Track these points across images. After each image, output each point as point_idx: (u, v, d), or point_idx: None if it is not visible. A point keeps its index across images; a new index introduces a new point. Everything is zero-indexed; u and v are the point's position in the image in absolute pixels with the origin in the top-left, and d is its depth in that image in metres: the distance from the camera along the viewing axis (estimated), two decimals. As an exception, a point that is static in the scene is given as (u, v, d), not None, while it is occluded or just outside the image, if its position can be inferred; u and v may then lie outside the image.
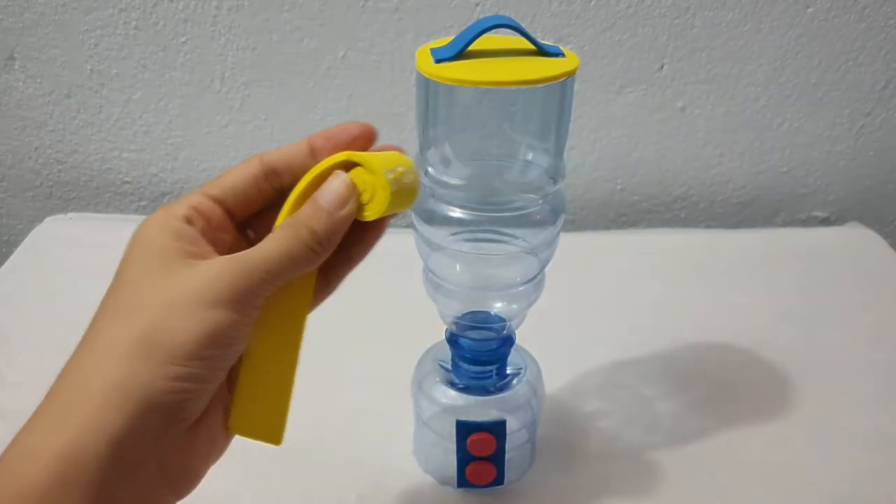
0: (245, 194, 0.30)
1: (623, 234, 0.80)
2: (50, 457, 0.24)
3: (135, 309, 0.26)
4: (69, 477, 0.24)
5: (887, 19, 0.72)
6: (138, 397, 0.25)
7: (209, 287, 0.26)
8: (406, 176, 0.29)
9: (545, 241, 0.40)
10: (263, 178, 0.30)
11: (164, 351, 0.25)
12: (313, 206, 0.28)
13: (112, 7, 0.70)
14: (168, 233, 0.28)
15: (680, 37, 0.72)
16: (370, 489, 0.48)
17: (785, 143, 0.80)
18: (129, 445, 0.25)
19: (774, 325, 0.64)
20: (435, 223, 0.39)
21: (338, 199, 0.28)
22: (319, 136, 0.30)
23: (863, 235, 0.78)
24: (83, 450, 0.24)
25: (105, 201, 0.83)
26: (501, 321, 0.43)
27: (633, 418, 0.54)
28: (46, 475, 0.24)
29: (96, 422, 0.24)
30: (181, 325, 0.25)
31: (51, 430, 0.25)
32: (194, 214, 0.29)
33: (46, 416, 0.26)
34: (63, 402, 0.26)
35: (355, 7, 0.70)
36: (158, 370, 0.25)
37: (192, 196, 0.29)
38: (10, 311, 0.64)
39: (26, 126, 0.78)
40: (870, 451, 0.52)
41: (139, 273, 0.27)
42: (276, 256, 0.27)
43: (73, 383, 0.26)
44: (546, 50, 0.35)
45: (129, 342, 0.25)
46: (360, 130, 0.30)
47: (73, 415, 0.25)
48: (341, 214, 0.28)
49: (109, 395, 0.25)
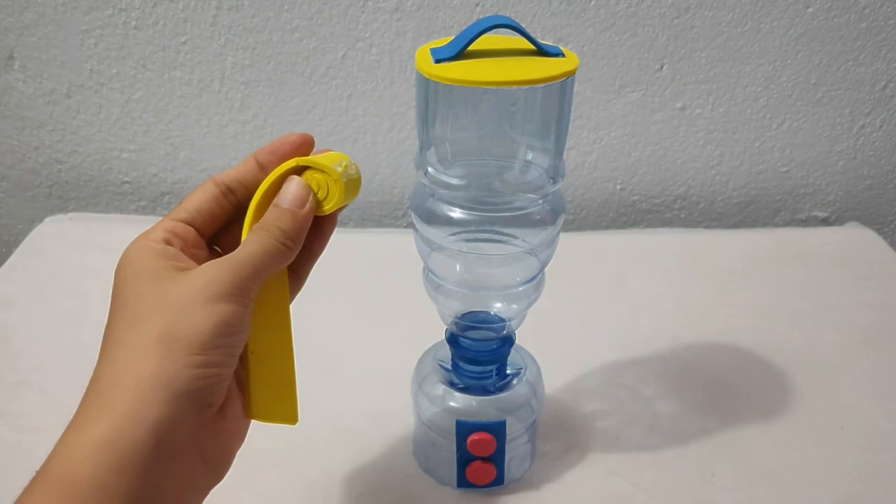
0: (210, 213, 0.33)
1: (623, 234, 0.80)
2: (95, 447, 0.26)
3: (149, 314, 0.29)
4: (115, 464, 0.26)
5: (887, 19, 0.73)
6: (169, 387, 0.27)
7: (211, 285, 0.29)
8: (351, 168, 0.33)
9: (545, 241, 0.40)
10: (222, 196, 0.33)
11: (184, 345, 0.28)
12: (277, 210, 0.31)
13: (112, 7, 0.70)
14: (153, 254, 0.31)
15: (680, 37, 0.72)
16: (370, 489, 0.48)
17: (785, 143, 0.80)
18: (166, 431, 0.27)
19: (774, 325, 0.64)
20: (435, 223, 0.39)
21: (297, 199, 0.32)
22: (264, 151, 0.33)
23: (863, 235, 0.78)
24: (125, 438, 0.26)
25: (105, 201, 0.83)
26: (501, 321, 0.43)
27: (633, 418, 0.54)
28: (94, 464, 0.26)
29: (135, 413, 0.26)
30: (194, 321, 0.28)
31: (92, 424, 0.27)
32: (171, 237, 0.32)
33: (86, 415, 0.28)
34: (100, 401, 0.28)
35: (355, 7, 0.70)
36: (182, 361, 0.27)
37: (163, 222, 0.32)
38: (10, 311, 0.63)
39: (26, 126, 0.78)
40: (870, 451, 0.52)
41: (141, 288, 0.30)
42: (259, 254, 0.30)
43: (106, 384, 0.28)
44: (546, 50, 0.35)
45: (152, 342, 0.28)
46: (300, 139, 0.34)
47: (112, 409, 0.27)
48: (304, 212, 0.32)
49: (143, 389, 0.27)
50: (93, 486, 0.25)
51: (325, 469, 0.49)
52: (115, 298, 0.30)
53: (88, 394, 0.28)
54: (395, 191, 0.80)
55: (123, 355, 0.28)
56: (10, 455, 0.50)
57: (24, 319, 0.62)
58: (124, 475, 0.26)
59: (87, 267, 0.69)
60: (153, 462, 0.26)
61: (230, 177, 0.33)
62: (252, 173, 0.33)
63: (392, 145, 0.76)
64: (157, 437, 0.26)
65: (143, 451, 0.26)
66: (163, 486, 0.27)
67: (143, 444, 0.26)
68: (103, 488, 0.25)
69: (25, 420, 0.53)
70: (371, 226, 0.81)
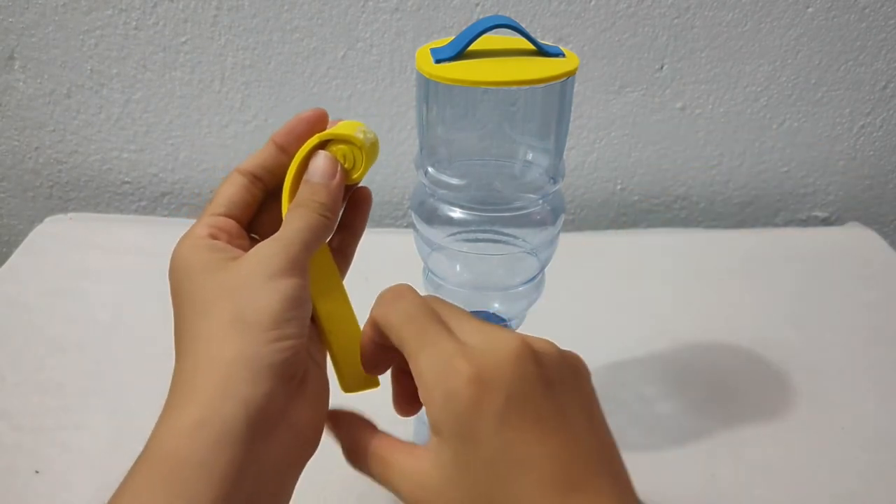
0: (243, 202, 0.34)
1: (623, 234, 0.80)
2: (191, 428, 0.26)
3: (214, 303, 0.29)
4: (212, 441, 0.26)
5: (887, 19, 0.73)
6: (252, 365, 0.28)
7: (268, 264, 0.30)
8: (369, 133, 0.34)
9: (545, 241, 0.40)
10: (251, 184, 0.34)
11: (256, 324, 0.28)
12: (310, 185, 0.32)
13: (112, 7, 0.70)
14: (203, 250, 0.31)
15: (680, 37, 0.72)
16: (370, 489, 0.48)
17: (785, 143, 0.80)
18: (256, 406, 0.27)
19: (774, 324, 0.64)
20: (435, 223, 0.39)
21: (327, 172, 0.33)
22: (280, 133, 0.34)
23: (863, 235, 0.78)
24: (219, 416, 0.27)
25: (105, 201, 0.83)
26: (501, 321, 0.43)
27: (633, 418, 0.54)
28: (192, 443, 0.26)
29: (225, 392, 0.27)
30: (261, 300, 0.29)
31: (185, 409, 0.27)
32: (216, 231, 0.32)
33: (176, 403, 0.28)
34: (187, 388, 0.28)
35: (355, 7, 0.70)
36: (259, 339, 0.28)
37: (203, 219, 0.33)
38: (10, 311, 0.64)
39: (26, 126, 0.78)
40: (870, 451, 0.52)
41: (199, 283, 0.30)
42: (304, 228, 0.31)
43: (190, 374, 0.28)
44: (546, 50, 0.35)
45: (225, 327, 0.28)
46: (314, 115, 0.34)
47: (203, 392, 0.27)
48: (335, 182, 0.33)
49: (228, 369, 0.27)
50: (194, 465, 0.26)
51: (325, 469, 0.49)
52: (175, 299, 0.31)
53: (174, 387, 0.29)
54: (395, 191, 0.80)
55: (202, 346, 0.29)
56: (11, 455, 0.50)
57: (24, 319, 0.62)
58: (222, 452, 0.26)
59: (87, 267, 0.69)
60: (248, 438, 0.27)
61: (253, 164, 0.34)
62: (273, 157, 0.34)
63: (392, 145, 0.76)
64: (248, 412, 0.27)
65: (238, 428, 0.27)
66: (261, 461, 0.28)
67: (236, 421, 0.27)
68: (203, 465, 0.26)
69: (25, 420, 0.53)
70: (371, 226, 0.81)
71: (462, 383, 0.26)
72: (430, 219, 0.39)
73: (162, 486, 0.26)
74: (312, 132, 0.33)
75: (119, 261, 0.69)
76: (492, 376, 0.26)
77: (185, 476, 0.26)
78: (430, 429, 0.28)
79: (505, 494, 0.26)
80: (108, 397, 0.55)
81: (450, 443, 0.27)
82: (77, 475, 0.49)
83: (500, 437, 0.26)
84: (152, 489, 0.26)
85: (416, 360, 0.28)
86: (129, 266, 0.69)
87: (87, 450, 0.50)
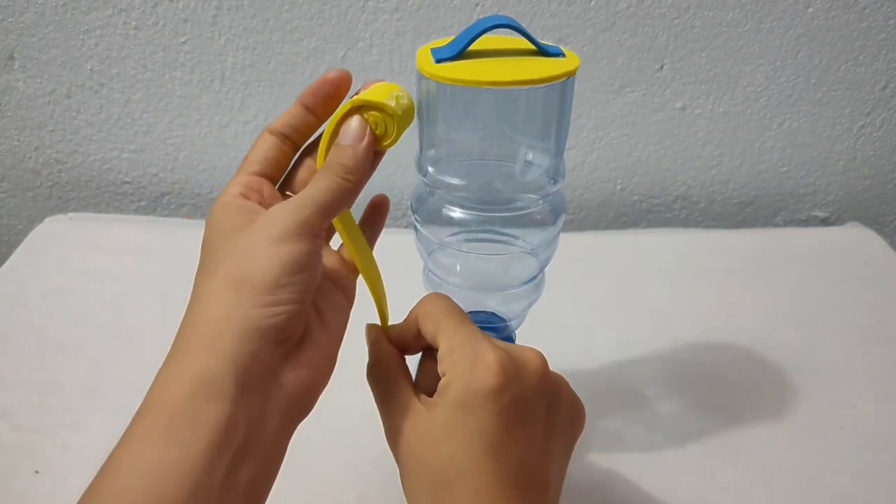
0: (276, 161, 0.35)
1: (623, 234, 0.80)
2: (186, 377, 0.28)
3: (220, 263, 0.31)
4: (203, 393, 0.28)
5: (887, 19, 0.73)
6: (240, 325, 0.29)
7: (274, 227, 0.30)
8: (403, 98, 0.34)
9: (545, 241, 0.40)
10: (281, 143, 0.35)
11: (250, 286, 0.29)
12: (337, 148, 0.33)
13: (112, 7, 0.70)
14: (232, 210, 0.32)
15: (680, 37, 0.72)
16: (370, 489, 0.48)
17: (785, 143, 0.80)
18: (244, 365, 0.29)
19: (774, 325, 0.64)
20: (435, 223, 0.39)
21: (355, 136, 0.33)
22: (306, 93, 0.34)
23: (863, 235, 0.78)
24: (210, 369, 0.28)
25: (105, 201, 0.83)
26: (502, 321, 0.43)
27: (633, 418, 0.54)
28: (186, 390, 0.28)
29: (213, 348, 0.29)
30: (259, 262, 0.30)
31: (180, 362, 0.29)
32: (247, 191, 0.33)
33: (175, 355, 0.30)
34: (184, 342, 0.30)
35: (355, 7, 0.70)
36: (250, 302, 0.29)
37: (237, 178, 0.34)
38: (10, 311, 0.64)
39: (26, 126, 0.78)
40: (870, 451, 0.52)
41: (217, 242, 0.31)
42: (322, 191, 0.32)
43: (188, 327, 0.30)
44: (546, 50, 0.35)
45: (222, 287, 0.30)
46: (339, 76, 0.34)
47: (195, 347, 0.29)
48: (363, 146, 0.33)
49: (218, 328, 0.29)
50: (186, 415, 0.27)
51: (325, 469, 0.49)
52: (200, 255, 0.32)
53: (175, 341, 0.30)
54: (395, 191, 0.80)
55: (203, 304, 0.30)
56: (11, 455, 0.50)
57: (24, 319, 0.62)
58: (212, 404, 0.28)
59: (87, 267, 0.69)
60: (236, 393, 0.28)
61: (282, 123, 0.34)
62: (301, 116, 0.35)
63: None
64: (235, 369, 0.28)
65: (226, 382, 0.28)
66: (252, 416, 0.29)
67: (224, 376, 0.28)
68: (195, 416, 0.27)
69: (25, 420, 0.53)
70: (371, 226, 0.81)
71: (486, 368, 0.31)
72: (431, 219, 0.39)
73: (158, 434, 0.27)
74: (337, 94, 0.34)
75: (119, 261, 0.69)
76: (510, 375, 0.31)
77: (179, 425, 0.27)
78: (437, 392, 0.32)
79: (467, 465, 0.30)
80: (108, 397, 0.55)
81: (451, 406, 0.31)
82: (77, 475, 0.48)
83: (490, 421, 0.30)
84: (149, 436, 0.27)
85: (451, 338, 0.32)
86: (129, 266, 0.69)
87: (87, 450, 0.50)
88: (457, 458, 0.30)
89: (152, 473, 0.26)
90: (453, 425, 0.31)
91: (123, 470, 0.27)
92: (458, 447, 0.30)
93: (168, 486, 0.26)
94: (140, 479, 0.26)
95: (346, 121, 0.33)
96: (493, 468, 0.30)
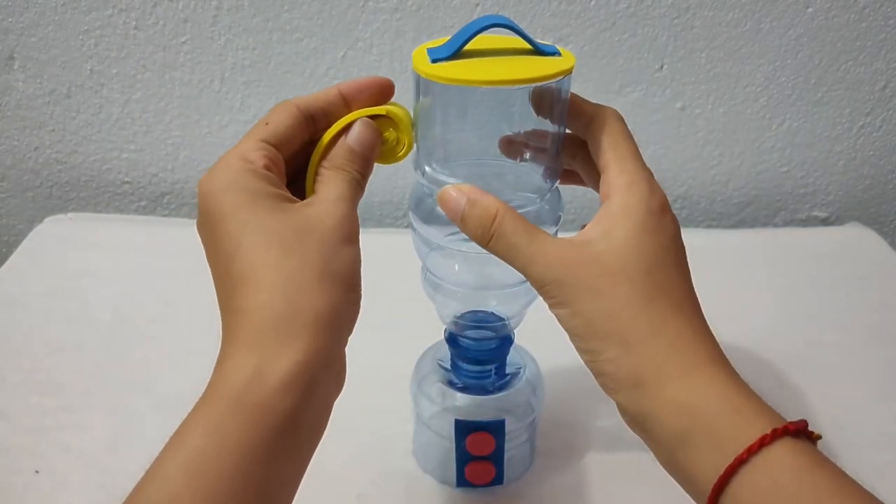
0: (294, 139, 0.33)
1: (623, 234, 0.80)
2: (288, 376, 0.28)
3: (296, 247, 0.29)
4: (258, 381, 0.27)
5: (887, 19, 0.72)
6: (338, 325, 0.30)
7: (346, 225, 0.30)
8: (400, 109, 0.35)
9: (544, 241, 0.40)
10: (305, 123, 0.33)
11: (343, 283, 0.29)
12: (351, 153, 0.33)
13: (112, 7, 0.70)
14: (262, 181, 0.30)
15: (680, 37, 0.72)
16: (370, 489, 0.48)
17: (785, 143, 0.80)
18: (317, 361, 0.29)
19: (774, 324, 0.64)
20: (433, 223, 0.39)
21: (368, 143, 0.33)
22: (349, 85, 0.34)
23: (863, 235, 0.78)
24: (312, 372, 0.29)
25: (105, 201, 0.83)
26: (500, 320, 0.43)
27: (632, 418, 0.54)
28: (290, 397, 0.28)
29: (321, 347, 0.29)
30: (346, 260, 0.30)
31: (284, 355, 0.28)
32: (270, 164, 0.31)
33: (272, 347, 0.28)
34: (282, 335, 0.28)
35: (355, 7, 0.70)
36: (346, 298, 0.30)
37: (256, 143, 0.31)
38: (10, 311, 0.64)
39: (26, 126, 0.78)
40: (870, 451, 0.52)
41: (262, 215, 0.29)
42: (353, 192, 0.32)
43: (281, 317, 0.28)
44: (542, 49, 0.35)
45: (315, 279, 0.29)
46: (385, 82, 0.34)
47: (302, 342, 0.28)
48: (373, 157, 0.34)
49: (323, 326, 0.29)
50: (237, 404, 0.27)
51: (325, 469, 0.49)
52: (225, 221, 0.29)
53: (248, 321, 0.28)
54: (395, 191, 0.80)
55: (293, 288, 0.28)
56: (11, 455, 0.50)
57: (24, 319, 0.62)
58: (286, 394, 0.28)
59: (87, 267, 0.69)
60: (309, 382, 0.28)
61: (315, 105, 0.33)
62: (336, 105, 0.33)
63: (392, 145, 0.76)
64: (309, 367, 0.28)
65: (303, 373, 0.28)
66: (313, 403, 0.29)
67: (318, 375, 0.29)
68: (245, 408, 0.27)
69: (25, 420, 0.53)
70: (371, 226, 0.81)
71: (660, 196, 0.34)
72: (429, 218, 0.39)
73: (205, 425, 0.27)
74: (378, 97, 0.34)
75: (119, 261, 0.69)
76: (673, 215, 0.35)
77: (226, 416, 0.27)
78: (603, 216, 0.35)
79: (660, 286, 0.35)
80: (108, 397, 0.55)
81: (626, 222, 0.33)
82: (77, 475, 0.49)
83: (665, 253, 0.35)
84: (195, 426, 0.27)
85: (625, 163, 0.35)
86: (129, 266, 0.69)
87: (87, 450, 0.50)
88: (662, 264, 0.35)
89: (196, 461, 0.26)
90: (638, 240, 0.34)
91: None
92: (647, 262, 0.34)
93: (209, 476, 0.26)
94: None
95: (364, 124, 0.33)
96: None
